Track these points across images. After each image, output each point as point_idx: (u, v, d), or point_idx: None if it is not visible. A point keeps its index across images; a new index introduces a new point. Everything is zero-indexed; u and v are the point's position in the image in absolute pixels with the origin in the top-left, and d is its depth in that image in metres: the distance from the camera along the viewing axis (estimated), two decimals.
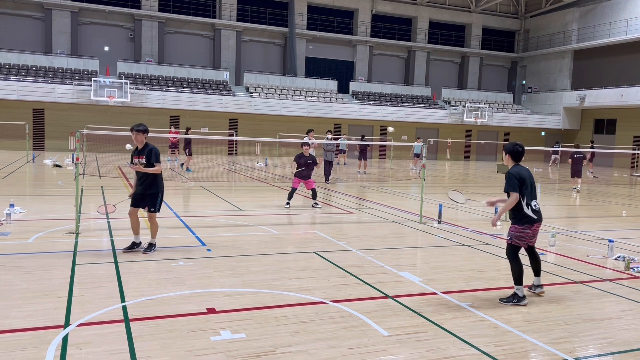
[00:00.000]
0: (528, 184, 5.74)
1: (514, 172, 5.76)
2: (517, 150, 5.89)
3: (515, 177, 5.69)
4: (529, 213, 5.71)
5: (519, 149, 5.89)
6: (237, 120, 34.54)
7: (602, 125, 40.81)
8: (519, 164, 5.91)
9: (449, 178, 24.11)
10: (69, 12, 34.48)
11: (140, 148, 7.39)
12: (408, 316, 5.21)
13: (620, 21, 37.73)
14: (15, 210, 9.93)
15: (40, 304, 5.16)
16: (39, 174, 18.53)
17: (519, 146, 5.91)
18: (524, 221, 5.73)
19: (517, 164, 5.90)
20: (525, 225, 5.74)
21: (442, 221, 10.77)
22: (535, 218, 5.75)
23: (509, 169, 5.86)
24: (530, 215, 5.72)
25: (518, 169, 5.79)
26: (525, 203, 5.71)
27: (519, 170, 5.77)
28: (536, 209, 5.78)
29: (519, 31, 47.14)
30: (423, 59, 44.11)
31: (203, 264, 6.90)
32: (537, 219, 5.77)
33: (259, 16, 39.42)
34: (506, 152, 5.96)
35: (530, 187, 5.76)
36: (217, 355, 4.17)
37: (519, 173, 5.74)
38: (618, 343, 4.75)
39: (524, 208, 5.71)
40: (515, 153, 5.89)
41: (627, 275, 7.15)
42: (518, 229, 5.77)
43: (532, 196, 5.78)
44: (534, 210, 5.74)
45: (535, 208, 5.76)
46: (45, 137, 30.90)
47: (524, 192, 5.71)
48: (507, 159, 5.98)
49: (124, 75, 33.80)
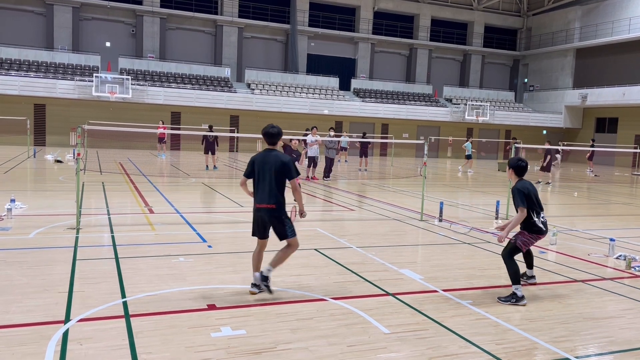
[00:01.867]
0: (533, 197, 5.90)
1: (520, 187, 5.90)
2: (521, 165, 6.04)
3: (522, 192, 5.84)
4: (539, 224, 5.90)
5: (522, 164, 6.04)
6: (239, 117, 34.51)
7: (603, 124, 40.75)
8: (523, 178, 6.05)
9: (450, 176, 24.08)
10: (70, 8, 34.44)
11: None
12: (409, 314, 5.20)
13: (623, 20, 37.63)
14: (16, 206, 9.93)
15: (40, 299, 5.16)
16: (40, 169, 18.53)
17: (522, 161, 6.05)
18: (534, 230, 5.91)
19: (520, 179, 6.05)
20: (535, 234, 5.94)
21: (443, 219, 10.76)
22: (545, 230, 5.97)
23: (515, 184, 6.01)
24: (540, 227, 5.91)
25: (522, 184, 5.95)
26: (535, 215, 5.89)
27: (524, 185, 5.93)
28: (544, 220, 5.97)
29: (521, 29, 47.02)
30: (425, 57, 44.03)
31: (204, 260, 6.89)
32: (546, 230, 5.99)
33: (260, 13, 39.34)
34: (510, 167, 6.12)
35: (535, 200, 5.93)
36: (217, 351, 4.16)
37: (525, 188, 5.89)
38: (619, 342, 4.74)
39: (535, 220, 5.89)
40: (518, 168, 6.04)
41: (628, 274, 7.14)
42: (528, 236, 5.94)
43: (540, 208, 5.96)
44: (542, 222, 5.93)
45: (543, 220, 5.96)
46: (47, 133, 30.89)
47: (532, 206, 5.87)
48: (510, 174, 6.15)
49: (125, 71, 33.76)
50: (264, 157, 5.52)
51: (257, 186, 5.52)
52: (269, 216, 5.46)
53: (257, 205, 5.49)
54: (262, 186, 5.47)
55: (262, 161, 5.51)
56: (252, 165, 5.57)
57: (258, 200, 5.49)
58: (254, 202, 5.53)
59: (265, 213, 5.45)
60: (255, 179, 5.54)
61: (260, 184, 5.49)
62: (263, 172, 5.47)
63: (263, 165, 5.48)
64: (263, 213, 5.46)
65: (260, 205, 5.46)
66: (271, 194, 5.44)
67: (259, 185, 5.51)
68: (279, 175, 5.45)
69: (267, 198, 5.43)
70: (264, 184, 5.45)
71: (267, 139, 5.60)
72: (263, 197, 5.45)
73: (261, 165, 5.50)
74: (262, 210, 5.46)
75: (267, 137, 5.60)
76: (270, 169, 5.43)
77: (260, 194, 5.48)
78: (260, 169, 5.49)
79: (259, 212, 5.49)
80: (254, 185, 5.57)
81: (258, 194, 5.51)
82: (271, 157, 5.48)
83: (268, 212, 5.44)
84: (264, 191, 5.45)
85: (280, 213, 5.48)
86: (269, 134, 5.57)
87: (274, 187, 5.44)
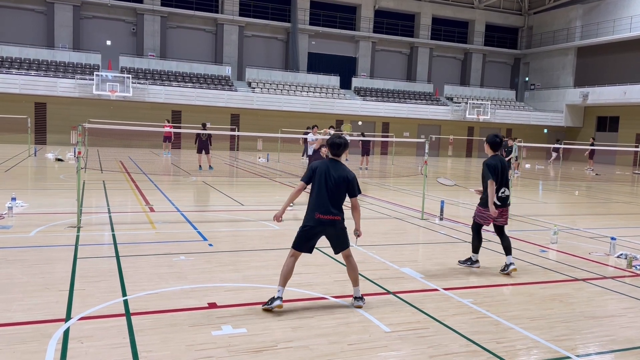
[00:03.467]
0: (499, 173, 6.56)
1: (489, 162, 6.61)
2: (496, 141, 6.72)
3: (490, 167, 6.54)
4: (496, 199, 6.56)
5: (497, 140, 6.72)
6: (239, 116, 34.50)
7: (604, 123, 40.70)
8: (497, 153, 6.74)
9: (451, 175, 24.07)
10: (71, 6, 34.42)
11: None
12: (409, 312, 5.20)
13: (624, 18, 37.56)
14: (17, 204, 9.93)
15: (41, 298, 5.16)
16: (41, 167, 18.54)
17: (498, 137, 6.74)
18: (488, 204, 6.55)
19: (495, 154, 6.74)
20: (488, 208, 6.56)
21: (444, 217, 10.75)
22: (499, 204, 6.60)
23: (487, 159, 6.71)
24: (494, 201, 6.54)
25: (494, 159, 6.65)
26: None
27: (495, 160, 6.63)
28: (502, 196, 6.62)
29: (522, 28, 46.96)
30: (426, 56, 43.99)
31: (204, 259, 6.89)
32: (501, 205, 6.63)
33: (261, 11, 39.32)
34: (487, 142, 6.82)
35: (501, 175, 6.57)
36: (218, 350, 4.16)
37: (494, 163, 6.59)
38: (620, 341, 4.74)
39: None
40: (494, 143, 6.72)
41: (629, 273, 7.13)
42: (481, 210, 6.78)
43: (501, 184, 6.59)
44: (499, 197, 6.59)
45: (501, 195, 6.61)
46: (47, 131, 30.90)
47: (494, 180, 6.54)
48: (487, 148, 6.83)
49: (126, 70, 33.76)
50: (329, 167, 5.16)
51: (318, 198, 5.14)
52: (333, 227, 5.15)
53: (320, 216, 5.11)
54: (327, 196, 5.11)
55: (326, 172, 5.14)
56: (313, 172, 5.21)
57: (321, 211, 5.10)
58: (314, 211, 5.12)
59: (330, 224, 5.13)
60: (316, 188, 5.16)
61: (324, 197, 5.11)
62: (328, 182, 5.12)
63: (328, 177, 5.13)
64: (327, 224, 5.12)
65: (324, 216, 5.11)
66: (337, 206, 5.15)
67: (320, 197, 5.12)
68: (343, 190, 5.17)
69: (331, 210, 5.10)
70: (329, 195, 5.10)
71: (333, 150, 5.27)
72: (327, 209, 5.10)
73: (325, 176, 5.13)
74: (326, 222, 5.12)
75: (333, 148, 5.27)
76: (337, 181, 5.12)
77: (324, 204, 5.11)
78: (325, 180, 5.13)
79: (319, 223, 5.11)
80: (312, 194, 5.20)
81: (318, 204, 5.13)
82: (339, 169, 5.17)
83: (332, 222, 5.13)
84: (326, 202, 5.10)
85: (343, 224, 5.23)
86: (335, 145, 5.26)
87: (339, 199, 5.17)
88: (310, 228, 5.13)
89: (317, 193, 5.13)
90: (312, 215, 5.13)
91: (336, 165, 5.21)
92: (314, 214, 5.12)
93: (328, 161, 5.25)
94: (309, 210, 5.17)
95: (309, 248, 5.21)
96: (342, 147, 5.25)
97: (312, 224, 5.12)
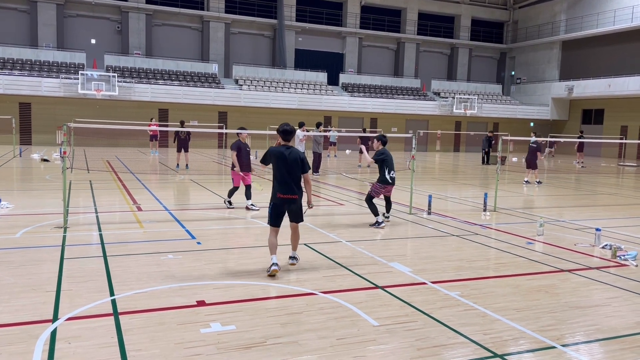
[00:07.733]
0: (389, 160, 9.28)
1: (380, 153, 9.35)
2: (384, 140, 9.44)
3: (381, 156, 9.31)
4: (387, 179, 9.28)
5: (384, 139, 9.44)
6: (227, 113, 34.36)
7: (590, 116, 41.09)
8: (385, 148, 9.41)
9: (439, 169, 24.19)
10: (54, 5, 34.03)
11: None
12: (398, 306, 5.24)
13: (608, 12, 37.92)
14: (3, 205, 9.84)
15: (28, 299, 5.13)
16: (26, 168, 18.35)
17: (384, 137, 9.47)
18: (384, 182, 9.30)
19: (384, 148, 9.40)
20: (383, 185, 9.33)
21: (432, 212, 10.82)
22: (390, 182, 9.32)
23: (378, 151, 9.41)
24: (387, 180, 9.29)
25: (383, 151, 9.35)
26: (387, 172, 9.26)
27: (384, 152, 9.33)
28: (392, 176, 9.31)
29: (508, 22, 47.24)
30: (412, 51, 44.10)
31: (193, 257, 6.88)
32: (391, 183, 9.34)
33: (247, 8, 39.16)
34: (377, 140, 9.43)
35: (390, 162, 9.26)
36: (207, 347, 4.16)
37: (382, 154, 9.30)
38: (605, 330, 4.81)
39: (385, 175, 9.28)
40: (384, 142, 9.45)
41: (613, 263, 7.23)
42: (378, 187, 9.36)
43: (391, 168, 9.28)
44: (391, 177, 9.29)
45: (392, 176, 9.30)
46: (32, 132, 30.54)
47: (386, 165, 9.24)
48: (377, 145, 9.43)
49: (111, 69, 33.47)
50: (283, 152, 6.10)
51: (280, 179, 6.09)
52: (295, 204, 6.12)
53: (281, 196, 6.08)
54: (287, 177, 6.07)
55: (281, 156, 6.08)
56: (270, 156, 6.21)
57: (282, 191, 6.08)
58: (277, 193, 6.09)
59: (292, 202, 6.11)
60: (277, 171, 6.11)
61: (284, 177, 6.07)
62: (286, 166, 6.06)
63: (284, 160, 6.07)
64: (288, 202, 6.11)
65: (285, 195, 6.07)
66: (297, 185, 6.14)
67: (281, 178, 6.08)
68: (299, 169, 6.14)
69: (291, 189, 6.08)
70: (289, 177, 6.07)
71: (284, 136, 6.18)
72: (288, 189, 6.07)
73: (282, 159, 6.07)
74: (288, 201, 6.10)
75: (283, 135, 6.17)
76: (292, 162, 6.07)
77: (285, 186, 6.08)
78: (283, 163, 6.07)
79: (283, 202, 6.09)
80: (275, 178, 6.15)
81: (281, 186, 6.09)
82: (292, 153, 6.11)
83: (294, 201, 6.11)
84: (288, 182, 6.08)
85: (301, 203, 6.23)
86: (287, 132, 6.16)
87: (297, 178, 6.15)
88: (277, 206, 6.17)
89: (279, 176, 6.12)
90: (275, 195, 6.15)
91: (288, 149, 6.16)
92: (277, 193, 6.13)
93: (282, 147, 6.17)
94: (273, 191, 6.19)
95: (277, 222, 6.20)
96: (291, 134, 6.22)
97: (278, 202, 6.15)
